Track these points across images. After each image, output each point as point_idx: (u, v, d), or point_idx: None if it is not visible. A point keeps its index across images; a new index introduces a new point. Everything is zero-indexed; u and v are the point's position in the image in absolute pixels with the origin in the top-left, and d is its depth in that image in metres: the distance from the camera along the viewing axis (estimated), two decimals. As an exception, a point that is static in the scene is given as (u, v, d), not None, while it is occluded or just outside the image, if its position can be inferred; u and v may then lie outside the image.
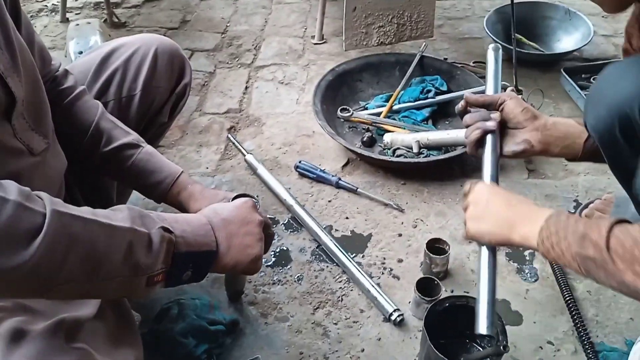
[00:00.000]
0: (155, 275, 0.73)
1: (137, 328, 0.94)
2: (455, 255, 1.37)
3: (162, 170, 1.05)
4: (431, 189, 1.58)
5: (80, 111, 1.02)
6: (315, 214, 1.49)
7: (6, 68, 0.76)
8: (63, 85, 1.01)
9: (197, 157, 1.71)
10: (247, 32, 2.36)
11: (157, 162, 1.05)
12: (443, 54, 2.16)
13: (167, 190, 1.05)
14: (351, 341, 1.20)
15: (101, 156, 1.02)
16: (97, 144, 1.02)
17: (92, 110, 1.03)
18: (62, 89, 1.01)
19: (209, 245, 0.81)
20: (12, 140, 0.79)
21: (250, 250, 0.87)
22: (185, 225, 0.79)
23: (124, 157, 1.03)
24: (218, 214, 0.85)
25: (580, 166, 1.66)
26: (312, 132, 1.80)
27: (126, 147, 1.03)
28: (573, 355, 1.17)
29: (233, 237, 0.84)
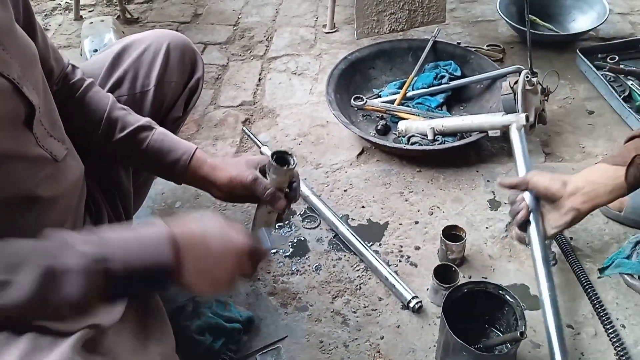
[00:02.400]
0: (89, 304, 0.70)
1: (167, 320, 0.95)
2: (472, 242, 1.37)
3: (178, 148, 1.02)
4: (447, 176, 1.58)
5: (92, 102, 1.02)
6: (331, 203, 1.50)
7: (19, 77, 0.76)
8: (73, 79, 1.02)
9: (214, 151, 1.72)
10: (258, 23, 2.36)
11: (172, 141, 1.03)
12: (456, 38, 2.15)
13: (186, 167, 1.02)
14: (370, 329, 1.21)
15: (117, 143, 1.01)
16: (112, 132, 1.01)
17: (104, 100, 1.03)
18: (72, 82, 1.02)
19: (158, 260, 0.73)
20: (36, 149, 0.80)
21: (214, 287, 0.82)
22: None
23: (139, 140, 1.01)
24: (206, 245, 0.79)
25: (597, 148, 1.64)
26: (326, 122, 1.80)
27: (140, 129, 1.02)
28: (593, 338, 1.17)
29: (204, 273, 0.79)
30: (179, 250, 0.75)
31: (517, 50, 2.07)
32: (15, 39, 0.78)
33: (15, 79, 0.75)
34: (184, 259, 0.75)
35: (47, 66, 0.93)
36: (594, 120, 1.75)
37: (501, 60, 2.02)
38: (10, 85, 0.75)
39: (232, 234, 0.82)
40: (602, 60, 1.91)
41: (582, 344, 1.16)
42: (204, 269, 0.78)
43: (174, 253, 0.74)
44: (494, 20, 2.25)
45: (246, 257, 0.84)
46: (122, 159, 1.09)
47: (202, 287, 0.80)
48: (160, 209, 1.52)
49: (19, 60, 0.77)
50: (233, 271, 0.82)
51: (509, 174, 1.57)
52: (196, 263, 0.77)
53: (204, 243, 0.79)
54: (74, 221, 0.91)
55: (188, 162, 1.02)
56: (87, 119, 1.01)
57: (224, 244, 0.81)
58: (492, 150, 1.67)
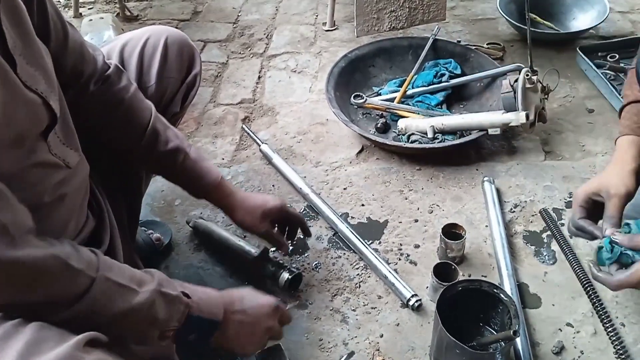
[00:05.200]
0: (168, 330, 0.85)
1: None
2: (472, 240, 1.37)
3: (206, 175, 1.12)
4: (447, 174, 1.58)
5: (137, 110, 1.03)
6: (331, 202, 1.50)
7: (45, 89, 0.76)
8: (119, 85, 1.00)
9: (213, 149, 1.72)
10: (258, 21, 2.36)
11: (201, 169, 1.12)
12: (456, 36, 2.14)
13: (208, 195, 1.16)
14: (370, 327, 1.21)
15: (156, 157, 1.07)
16: (154, 145, 1.05)
17: (147, 110, 1.05)
18: (118, 88, 1.00)
19: (216, 315, 0.92)
20: (49, 157, 0.80)
21: (247, 347, 1.00)
22: (202, 294, 0.92)
23: (175, 160, 1.07)
24: (242, 303, 0.98)
25: (597, 146, 1.64)
26: (325, 120, 1.80)
27: (176, 151, 1.07)
28: (593, 336, 1.17)
29: (242, 327, 0.96)
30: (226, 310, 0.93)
31: (517, 48, 2.07)
32: (36, 50, 0.77)
33: (43, 92, 0.76)
34: (228, 314, 0.94)
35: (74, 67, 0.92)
36: (594, 118, 1.75)
37: (501, 58, 2.01)
38: (40, 99, 0.75)
39: (262, 296, 1.03)
40: (602, 58, 1.91)
41: (581, 342, 1.16)
42: (242, 326, 0.96)
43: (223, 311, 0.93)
44: (494, 19, 2.25)
45: (275, 317, 1.02)
46: (155, 171, 1.18)
47: (237, 343, 0.97)
48: (159, 206, 1.52)
49: (42, 72, 0.77)
50: (265, 330, 1.00)
51: (508, 172, 1.57)
52: (236, 321, 0.95)
53: (241, 301, 0.98)
54: (78, 219, 0.90)
55: (211, 193, 1.15)
56: (130, 128, 1.03)
57: (257, 304, 1.00)
58: (492, 149, 1.66)
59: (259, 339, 1.00)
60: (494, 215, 1.40)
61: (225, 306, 0.93)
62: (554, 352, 1.14)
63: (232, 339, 0.95)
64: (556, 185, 1.52)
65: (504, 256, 1.30)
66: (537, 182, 1.53)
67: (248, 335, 0.97)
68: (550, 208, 1.45)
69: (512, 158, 1.62)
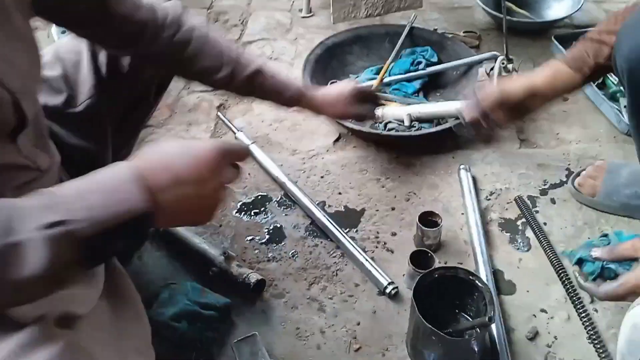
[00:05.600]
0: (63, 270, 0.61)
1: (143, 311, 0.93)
2: (448, 227, 1.38)
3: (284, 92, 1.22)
4: (423, 162, 1.58)
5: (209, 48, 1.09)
6: (308, 190, 1.49)
7: (18, 88, 0.71)
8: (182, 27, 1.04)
9: (187, 136, 1.69)
10: (233, 7, 2.31)
11: (280, 86, 1.21)
12: (433, 24, 2.14)
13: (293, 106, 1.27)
14: (347, 315, 1.21)
15: (234, 87, 1.16)
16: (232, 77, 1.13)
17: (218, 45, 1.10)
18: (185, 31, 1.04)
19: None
20: (19, 159, 0.75)
21: (199, 218, 0.73)
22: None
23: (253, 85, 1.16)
24: (171, 170, 0.67)
25: (571, 135, 1.66)
26: (302, 108, 1.78)
27: (254, 76, 1.15)
28: (566, 322, 1.19)
29: (184, 201, 0.68)
30: (149, 187, 0.63)
31: (493, 36, 2.08)
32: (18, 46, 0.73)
33: (16, 91, 0.71)
34: (157, 194, 0.64)
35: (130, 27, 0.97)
36: (568, 107, 1.77)
37: (477, 46, 2.02)
38: (10, 97, 0.70)
39: (195, 145, 0.70)
40: (576, 47, 1.92)
41: (555, 327, 1.18)
42: (182, 195, 0.67)
43: (146, 192, 0.63)
44: (471, 7, 2.25)
45: (224, 163, 0.72)
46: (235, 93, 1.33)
47: (187, 219, 0.72)
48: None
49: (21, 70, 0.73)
50: (216, 188, 0.71)
51: (484, 160, 1.57)
52: (171, 192, 0.66)
53: (170, 166, 0.67)
54: None
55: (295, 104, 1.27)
56: (205, 66, 1.09)
57: (193, 159, 0.69)
58: (468, 137, 1.67)
59: (212, 200, 0.72)
60: (469, 203, 1.41)
61: (148, 185, 0.64)
62: (529, 338, 1.16)
63: (177, 218, 0.70)
64: (531, 173, 1.54)
65: (479, 243, 1.31)
66: (512, 170, 1.55)
67: (195, 205, 0.70)
68: (525, 196, 1.46)
69: (488, 146, 1.63)
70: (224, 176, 0.72)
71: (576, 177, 1.45)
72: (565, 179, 1.50)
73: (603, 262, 0.98)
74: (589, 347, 1.14)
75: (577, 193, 1.43)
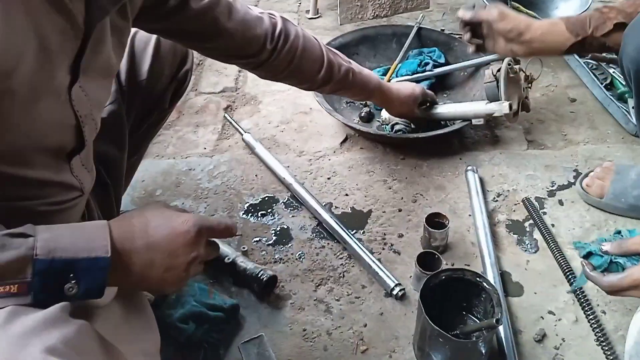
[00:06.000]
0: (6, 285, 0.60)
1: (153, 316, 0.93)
2: (455, 229, 1.37)
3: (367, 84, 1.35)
4: (430, 163, 1.57)
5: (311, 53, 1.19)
6: (314, 191, 1.49)
7: (86, 115, 0.74)
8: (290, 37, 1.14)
9: (195, 138, 1.70)
10: (240, 8, 2.32)
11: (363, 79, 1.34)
12: (440, 25, 2.14)
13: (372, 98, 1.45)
14: (354, 317, 1.21)
15: (331, 85, 1.28)
16: (330, 76, 1.25)
17: (317, 48, 1.21)
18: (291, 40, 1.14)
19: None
20: (69, 178, 0.78)
21: (165, 287, 0.75)
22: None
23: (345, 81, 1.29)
24: (147, 234, 0.70)
25: (579, 136, 1.65)
26: (309, 109, 1.78)
27: (347, 73, 1.27)
28: (574, 324, 1.18)
29: (153, 268, 0.70)
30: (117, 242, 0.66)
31: (500, 37, 2.06)
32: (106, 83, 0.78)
33: (82, 117, 0.73)
34: (128, 253, 0.68)
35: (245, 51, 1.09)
36: (576, 107, 1.76)
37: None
38: (76, 122, 0.73)
39: (177, 219, 0.73)
40: (584, 48, 1.91)
41: (563, 329, 1.17)
42: (151, 261, 0.70)
43: (112, 244, 0.65)
44: (478, 7, 2.25)
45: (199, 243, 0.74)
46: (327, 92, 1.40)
47: (150, 284, 0.73)
48: (140, 196, 1.50)
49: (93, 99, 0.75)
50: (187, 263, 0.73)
51: (491, 162, 1.57)
52: (141, 256, 0.69)
53: (145, 231, 0.70)
54: None
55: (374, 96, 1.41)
56: (309, 70, 1.21)
57: (171, 230, 0.71)
58: (475, 138, 1.67)
59: (181, 274, 0.74)
60: (477, 205, 1.40)
61: (119, 238, 0.67)
62: (536, 340, 1.15)
63: (140, 281, 0.72)
64: (538, 174, 1.53)
65: (486, 245, 1.31)
66: (519, 171, 1.54)
67: (163, 274, 0.72)
68: (532, 197, 1.46)
69: (495, 147, 1.63)
70: (199, 252, 0.74)
71: (584, 178, 1.45)
72: (573, 180, 1.50)
73: (611, 256, 0.98)
74: (596, 349, 1.13)
75: (585, 194, 1.42)
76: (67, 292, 0.63)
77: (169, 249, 0.71)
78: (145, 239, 0.70)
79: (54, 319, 0.60)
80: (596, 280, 0.98)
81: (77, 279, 0.63)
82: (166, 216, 0.73)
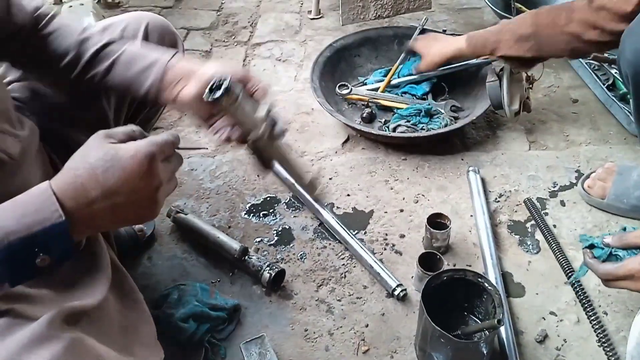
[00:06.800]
0: None
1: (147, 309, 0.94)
2: (457, 230, 1.37)
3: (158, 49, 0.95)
4: (432, 164, 1.57)
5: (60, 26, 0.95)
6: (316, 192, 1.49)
7: None
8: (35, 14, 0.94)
9: (197, 138, 1.70)
10: (242, 8, 2.33)
11: (152, 47, 0.96)
12: (442, 25, 2.13)
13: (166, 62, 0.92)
14: (355, 317, 1.21)
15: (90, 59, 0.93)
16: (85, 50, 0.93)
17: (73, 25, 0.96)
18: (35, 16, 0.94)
19: (46, 220, 0.61)
20: None
21: (141, 219, 0.72)
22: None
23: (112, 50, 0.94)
24: (99, 182, 0.64)
25: (581, 136, 1.65)
26: (311, 110, 1.79)
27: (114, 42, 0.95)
28: (576, 325, 1.18)
29: (119, 209, 0.67)
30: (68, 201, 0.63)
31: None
32: None
33: None
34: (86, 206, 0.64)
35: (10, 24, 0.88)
36: (578, 108, 1.76)
37: (486, 48, 2.01)
38: None
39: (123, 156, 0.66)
40: (586, 48, 1.91)
41: (564, 330, 1.17)
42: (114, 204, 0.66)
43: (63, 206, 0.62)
44: (480, 8, 2.25)
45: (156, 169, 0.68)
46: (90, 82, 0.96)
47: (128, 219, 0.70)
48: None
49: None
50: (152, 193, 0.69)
51: (493, 162, 1.57)
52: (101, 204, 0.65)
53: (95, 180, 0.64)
54: None
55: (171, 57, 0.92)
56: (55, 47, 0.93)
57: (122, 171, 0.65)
58: (477, 138, 1.67)
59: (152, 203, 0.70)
60: (478, 205, 1.40)
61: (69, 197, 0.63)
62: (538, 341, 1.15)
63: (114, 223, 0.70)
64: (540, 175, 1.53)
65: (488, 246, 1.31)
66: (521, 172, 1.54)
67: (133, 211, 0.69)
68: (534, 198, 1.46)
69: (497, 148, 1.63)
70: (160, 176, 0.69)
71: (586, 179, 1.44)
72: (575, 181, 1.50)
73: (612, 249, 0.99)
74: (598, 350, 1.13)
75: (587, 195, 1.42)
76: (40, 264, 0.62)
77: (129, 189, 0.66)
78: (99, 188, 0.64)
79: (41, 337, 0.60)
80: (593, 268, 0.99)
81: (43, 251, 0.61)
82: (112, 156, 0.66)
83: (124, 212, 0.67)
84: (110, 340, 0.77)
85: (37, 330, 0.61)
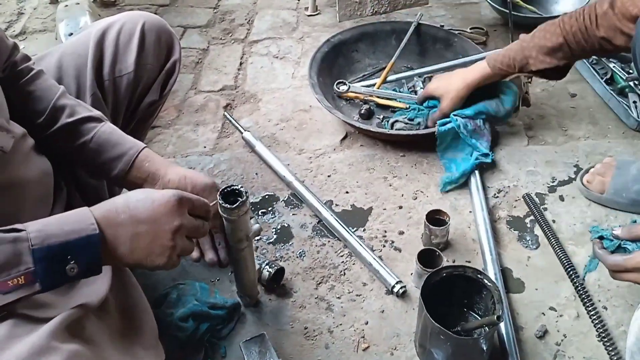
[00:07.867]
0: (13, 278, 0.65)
1: (150, 310, 0.94)
2: (456, 226, 1.37)
3: (127, 141, 0.98)
4: (430, 160, 1.57)
5: (40, 88, 0.96)
6: (315, 189, 1.49)
7: None
8: (20, 67, 0.96)
9: (195, 137, 1.70)
10: (239, 6, 2.32)
11: (121, 136, 0.99)
12: (439, 20, 2.13)
13: (133, 159, 0.96)
14: (355, 314, 1.21)
15: (62, 128, 0.96)
16: (57, 119, 0.96)
17: (53, 88, 0.98)
18: (20, 69, 0.96)
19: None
20: None
21: (154, 258, 0.77)
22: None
23: (85, 129, 0.96)
24: (129, 207, 0.75)
25: (580, 131, 1.65)
26: (309, 107, 1.78)
27: (88, 120, 0.97)
28: (575, 320, 1.18)
29: (139, 238, 0.75)
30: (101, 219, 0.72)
31: (500, 32, 2.06)
32: None
33: None
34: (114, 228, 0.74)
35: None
36: (576, 102, 1.76)
37: (484, 43, 2.01)
38: None
39: (157, 193, 0.78)
40: (584, 42, 1.91)
41: (564, 325, 1.17)
42: (137, 232, 0.75)
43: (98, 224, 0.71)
44: (477, 3, 2.24)
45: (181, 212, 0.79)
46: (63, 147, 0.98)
47: (138, 256, 0.76)
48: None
49: None
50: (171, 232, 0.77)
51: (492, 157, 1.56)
52: (127, 229, 0.74)
53: (127, 206, 0.75)
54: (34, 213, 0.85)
55: (137, 155, 0.97)
56: (31, 106, 0.95)
57: (151, 202, 0.77)
58: (476, 134, 1.66)
59: (167, 243, 0.77)
60: (477, 201, 1.40)
61: (102, 217, 0.73)
62: (538, 336, 1.15)
63: (129, 252, 0.75)
64: (539, 170, 1.53)
65: (487, 241, 1.30)
66: (520, 167, 1.54)
67: (150, 244, 0.76)
68: (533, 193, 1.45)
69: (496, 143, 1.62)
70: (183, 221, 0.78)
71: (585, 174, 1.44)
72: (574, 176, 1.49)
73: (621, 241, 1.00)
74: (598, 345, 1.13)
75: (586, 190, 1.42)
76: (69, 272, 0.69)
77: (152, 218, 0.76)
78: (128, 212, 0.75)
79: (40, 350, 0.62)
80: (603, 258, 1.00)
81: (75, 259, 0.69)
82: (146, 191, 0.79)
83: (141, 242, 0.75)
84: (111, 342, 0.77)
85: (37, 343, 0.62)
